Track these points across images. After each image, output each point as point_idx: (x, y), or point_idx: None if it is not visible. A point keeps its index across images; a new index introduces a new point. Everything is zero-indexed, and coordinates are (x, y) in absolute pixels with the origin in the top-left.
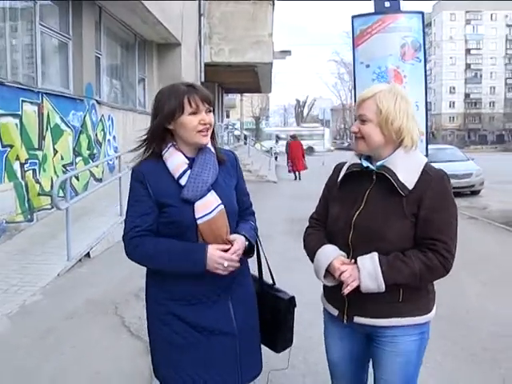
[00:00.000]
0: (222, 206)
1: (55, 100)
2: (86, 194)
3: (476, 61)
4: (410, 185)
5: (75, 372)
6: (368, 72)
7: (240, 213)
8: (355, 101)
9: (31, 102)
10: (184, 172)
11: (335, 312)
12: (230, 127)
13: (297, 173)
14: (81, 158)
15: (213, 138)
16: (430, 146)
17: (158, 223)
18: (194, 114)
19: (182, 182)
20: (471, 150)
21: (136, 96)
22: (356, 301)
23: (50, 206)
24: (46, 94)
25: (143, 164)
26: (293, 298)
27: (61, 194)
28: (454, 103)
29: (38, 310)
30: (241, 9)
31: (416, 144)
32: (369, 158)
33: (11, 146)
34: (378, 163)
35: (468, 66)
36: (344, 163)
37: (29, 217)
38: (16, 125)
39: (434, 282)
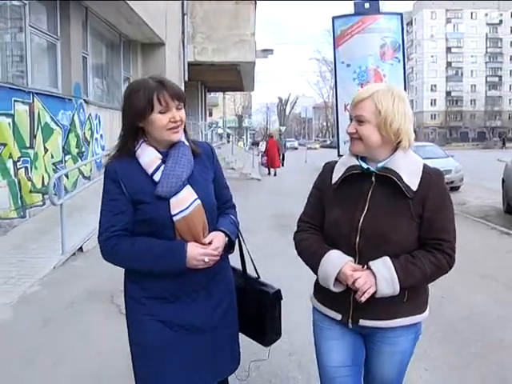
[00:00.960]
0: (199, 201)
1: (45, 99)
2: (80, 190)
3: (457, 59)
4: (414, 186)
5: (78, 353)
6: (349, 71)
7: (220, 206)
8: (336, 99)
9: (23, 102)
10: (157, 168)
11: (338, 316)
12: (214, 126)
13: (272, 169)
14: (70, 156)
15: (185, 131)
16: None
17: (133, 222)
18: (164, 112)
19: (156, 178)
20: (452, 148)
21: (121, 95)
22: (363, 304)
23: (41, 203)
24: (36, 93)
25: (116, 161)
26: (278, 291)
27: (51, 191)
28: (435, 101)
29: (37, 300)
30: (223, 8)
31: (412, 144)
32: (363, 159)
33: (4, 145)
34: (379, 165)
35: (449, 64)
36: (333, 162)
37: (22, 213)
38: (9, 124)
39: None
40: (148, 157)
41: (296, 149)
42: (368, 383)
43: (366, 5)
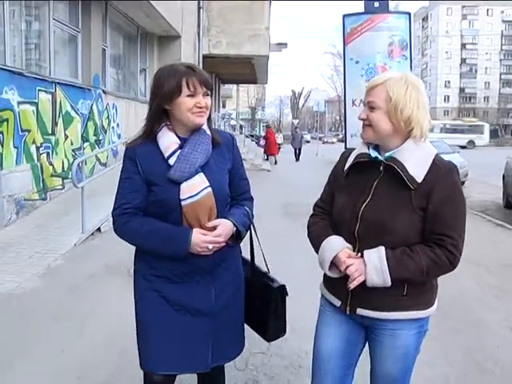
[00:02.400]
0: (210, 189)
1: (66, 89)
2: (99, 175)
3: (471, 56)
4: (419, 178)
5: (101, 316)
6: (357, 68)
7: (236, 197)
8: (345, 95)
9: (46, 91)
10: (174, 152)
11: (337, 303)
12: (227, 117)
13: (271, 156)
14: (88, 143)
15: (209, 119)
16: None
17: (147, 201)
18: (191, 96)
19: (171, 161)
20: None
21: (138, 86)
22: (360, 293)
23: (61, 187)
24: (58, 83)
25: (137, 142)
26: (283, 286)
27: (69, 175)
28: (448, 97)
29: (62, 271)
30: (238, 3)
31: (426, 135)
32: (377, 148)
33: (29, 131)
34: (387, 154)
35: (463, 61)
36: (351, 150)
37: (43, 195)
38: (33, 111)
39: None
40: (167, 140)
41: (308, 142)
42: (372, 380)
43: (376, 4)
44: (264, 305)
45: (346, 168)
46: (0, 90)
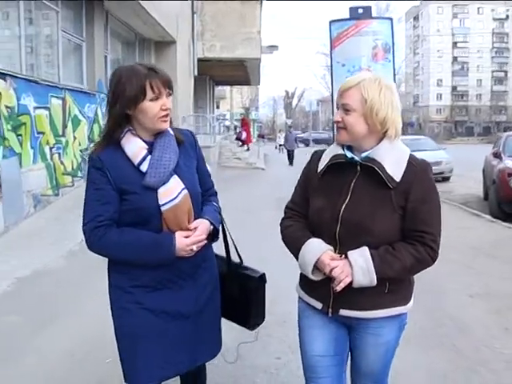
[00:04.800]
0: (186, 191)
1: (74, 94)
2: None
3: (463, 54)
4: (397, 177)
5: None
6: (343, 70)
7: (203, 193)
8: (332, 96)
9: (57, 97)
10: (144, 158)
11: (318, 305)
12: (221, 118)
13: (245, 145)
14: (93, 144)
15: (170, 119)
16: (405, 137)
17: (119, 211)
18: (155, 99)
19: (143, 168)
20: (457, 142)
21: None
22: (342, 293)
23: (71, 184)
24: (67, 89)
25: (100, 150)
26: (263, 274)
27: (79, 174)
28: (441, 95)
29: (81, 254)
30: (231, 7)
31: (399, 134)
32: (350, 148)
33: (43, 133)
34: (364, 154)
35: (455, 59)
36: (321, 151)
37: (56, 192)
38: (46, 115)
39: None
40: (134, 146)
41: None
42: (354, 375)
43: (360, 10)
44: (244, 295)
45: (320, 169)
46: (18, 96)
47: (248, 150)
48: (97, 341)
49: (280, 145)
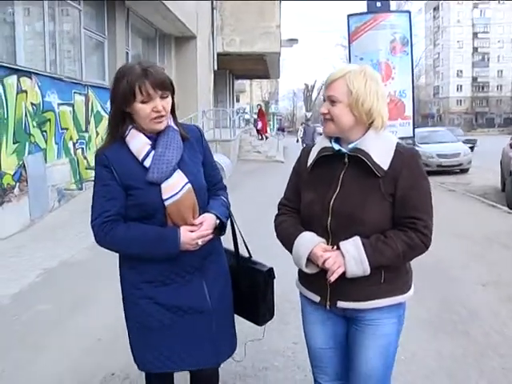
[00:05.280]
0: (189, 185)
1: (96, 91)
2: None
3: (483, 44)
4: (385, 165)
5: None
6: (362, 64)
7: (210, 188)
8: None
9: (80, 93)
10: (147, 154)
11: (316, 298)
12: (241, 112)
13: (261, 135)
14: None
15: (174, 115)
16: (423, 129)
17: (125, 206)
18: (146, 102)
19: (147, 163)
20: (478, 133)
21: None
22: (338, 285)
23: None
24: (90, 86)
25: (106, 148)
26: (271, 269)
27: None
28: (461, 87)
29: None
30: (250, 2)
31: (385, 125)
32: (338, 140)
33: (67, 129)
34: (350, 146)
35: (475, 50)
36: (311, 146)
37: (80, 186)
38: (70, 112)
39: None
40: (138, 143)
41: (321, 134)
42: (353, 375)
43: (378, 4)
44: (253, 289)
45: (309, 163)
46: (44, 93)
47: (262, 139)
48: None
49: (300, 138)
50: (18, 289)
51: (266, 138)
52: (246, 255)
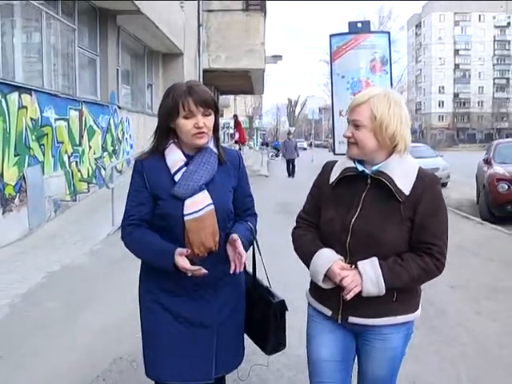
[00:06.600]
0: (212, 207)
1: (89, 106)
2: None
3: (464, 61)
4: (407, 190)
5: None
6: (343, 82)
7: (240, 213)
8: (333, 106)
9: (74, 109)
10: (179, 169)
11: (328, 312)
12: (226, 127)
13: (240, 145)
14: (107, 152)
15: (217, 137)
16: None
17: (152, 214)
18: (188, 117)
19: (176, 178)
20: (459, 149)
21: (145, 100)
22: (351, 301)
23: (87, 190)
24: (83, 101)
25: (145, 157)
26: (282, 302)
27: (94, 181)
28: (443, 102)
29: (102, 253)
30: (235, 20)
31: (408, 148)
32: (361, 161)
33: (62, 143)
34: (374, 168)
35: (457, 67)
36: (333, 162)
37: (74, 197)
38: (65, 126)
39: None
40: (174, 157)
41: (305, 149)
42: (360, 382)
43: (359, 25)
44: (263, 319)
45: (332, 181)
46: (42, 109)
47: (240, 149)
48: (123, 322)
49: (273, 154)
50: (26, 289)
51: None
52: (265, 284)
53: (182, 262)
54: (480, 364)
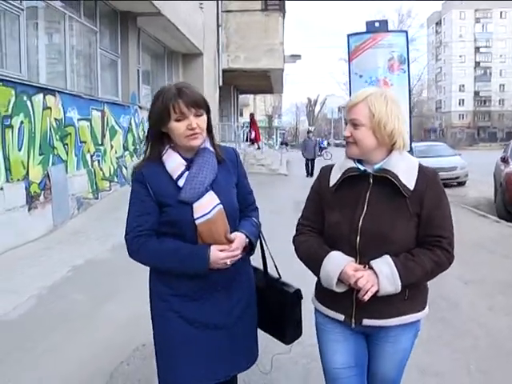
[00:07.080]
0: (221, 206)
1: (111, 107)
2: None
3: (485, 59)
4: (411, 186)
5: None
6: (361, 81)
7: (243, 209)
8: None
9: (97, 109)
10: (182, 174)
11: (340, 317)
12: (245, 126)
13: (255, 143)
14: (128, 152)
15: (211, 136)
16: (423, 143)
17: (158, 222)
18: (180, 120)
19: (180, 183)
20: (479, 148)
21: None
22: (364, 303)
23: (108, 188)
24: (105, 102)
25: (143, 165)
26: (298, 290)
27: (115, 179)
28: (463, 101)
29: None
30: (254, 20)
31: (406, 146)
32: (360, 161)
33: (85, 142)
34: (376, 166)
35: (477, 64)
36: (330, 166)
37: (96, 195)
38: (87, 126)
39: None
40: (173, 162)
41: (325, 148)
42: (370, 381)
43: (377, 24)
44: (280, 310)
45: (333, 183)
46: (65, 110)
47: (259, 148)
48: (145, 313)
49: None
50: (52, 282)
51: (259, 147)
52: (275, 275)
53: (222, 254)
54: (491, 356)
